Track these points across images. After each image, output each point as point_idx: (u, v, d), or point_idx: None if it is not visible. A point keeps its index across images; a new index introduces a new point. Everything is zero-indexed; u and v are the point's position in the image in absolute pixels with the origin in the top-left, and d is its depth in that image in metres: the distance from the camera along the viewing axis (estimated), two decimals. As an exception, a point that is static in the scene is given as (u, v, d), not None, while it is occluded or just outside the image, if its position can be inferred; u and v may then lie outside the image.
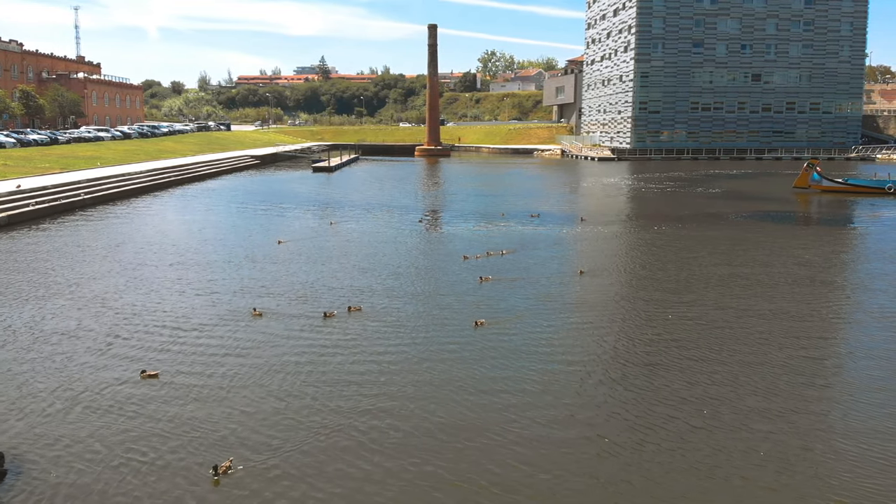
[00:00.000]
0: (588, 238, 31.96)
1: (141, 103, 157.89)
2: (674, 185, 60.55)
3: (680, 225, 35.91)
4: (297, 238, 30.19)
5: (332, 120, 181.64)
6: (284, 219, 37.12)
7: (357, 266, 24.38)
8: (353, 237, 30.80)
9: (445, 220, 38.47)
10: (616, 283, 22.66)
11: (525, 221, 36.77)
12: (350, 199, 48.09)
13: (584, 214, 40.04)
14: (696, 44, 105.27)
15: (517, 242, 29.92)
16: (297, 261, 25.23)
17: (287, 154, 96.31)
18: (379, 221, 36.36)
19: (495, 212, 41.06)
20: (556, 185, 64.73)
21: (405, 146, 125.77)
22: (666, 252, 28.18)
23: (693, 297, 20.37)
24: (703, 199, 49.06)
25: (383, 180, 67.38)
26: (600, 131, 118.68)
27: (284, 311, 18.53)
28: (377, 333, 16.67)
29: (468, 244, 29.48)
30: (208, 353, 15.23)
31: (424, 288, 21.34)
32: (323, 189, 56.84)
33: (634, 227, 35.12)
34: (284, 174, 74.67)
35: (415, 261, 25.57)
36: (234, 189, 56.02)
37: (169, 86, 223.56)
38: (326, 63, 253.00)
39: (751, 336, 16.69)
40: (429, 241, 30.58)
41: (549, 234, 32.69)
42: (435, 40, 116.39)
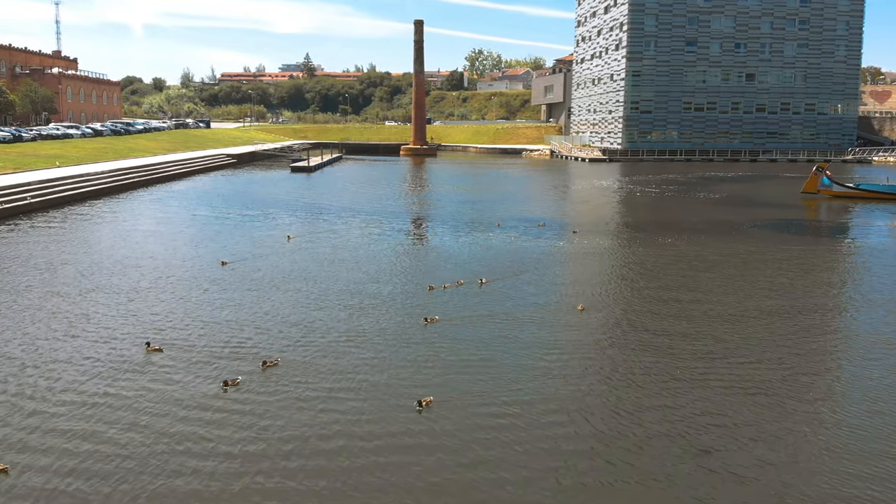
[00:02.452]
0: (585, 256, 27.64)
1: (119, 100, 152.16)
2: (672, 188, 56.48)
3: (690, 237, 31.72)
4: (246, 258, 25.35)
5: (316, 118, 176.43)
6: (241, 230, 32.37)
7: (298, 298, 19.59)
8: (308, 256, 25.88)
9: (430, 231, 34.07)
10: (630, 326, 18.29)
11: (521, 232, 32.47)
12: (325, 204, 43.60)
13: (579, 224, 35.73)
14: (689, 42, 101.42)
15: (504, 261, 25.56)
16: (232, 290, 20.44)
17: (266, 153, 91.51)
18: (349, 233, 31.74)
19: (488, 220, 36.70)
20: (546, 188, 60.49)
21: (390, 145, 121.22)
22: (683, 275, 23.89)
23: (730, 349, 16.09)
24: (708, 206, 44.97)
25: (365, 182, 62.91)
26: (590, 131, 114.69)
27: (178, 376, 13.85)
28: (278, 415, 12.14)
29: (446, 264, 25.03)
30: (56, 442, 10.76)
31: (359, 333, 16.52)
32: (299, 191, 52.30)
33: (639, 241, 30.87)
34: (261, 174, 70.00)
35: (370, 291, 20.44)
36: (201, 191, 51.36)
37: (150, 82, 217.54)
38: (311, 60, 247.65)
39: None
40: (397, 261, 25.62)
41: (539, 251, 28.36)
42: (421, 37, 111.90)
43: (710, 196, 50.82)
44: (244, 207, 40.97)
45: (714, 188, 57.03)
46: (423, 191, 56.17)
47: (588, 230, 33.83)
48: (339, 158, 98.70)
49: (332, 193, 51.44)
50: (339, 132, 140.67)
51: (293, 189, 54.34)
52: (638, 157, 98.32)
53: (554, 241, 30.55)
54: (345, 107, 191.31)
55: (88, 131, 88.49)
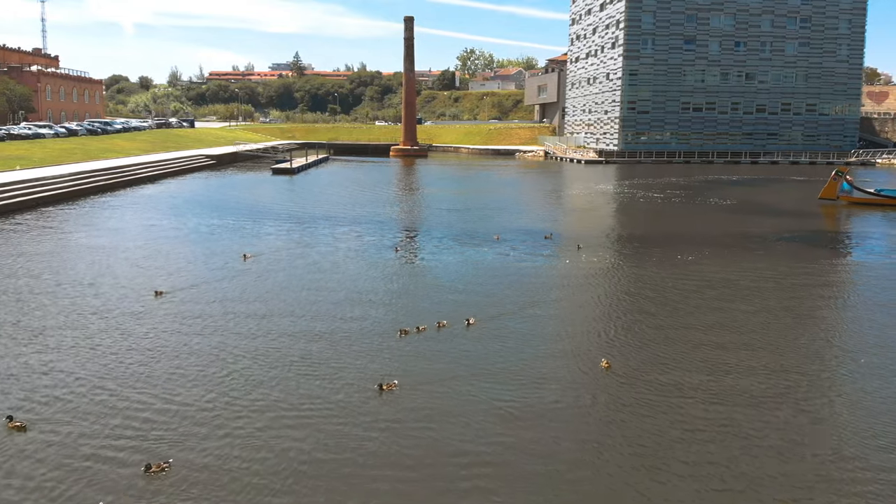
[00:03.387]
0: (595, 280, 23.48)
1: (101, 98, 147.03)
2: (677, 193, 52.44)
3: (711, 253, 27.63)
4: (186, 285, 20.96)
5: (304, 117, 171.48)
6: (196, 246, 27.87)
7: (223, 351, 15.08)
8: (261, 283, 21.41)
9: (417, 246, 29.83)
10: (678, 393, 14.09)
11: (521, 248, 28.30)
12: (302, 212, 39.30)
13: (583, 237, 31.59)
14: (687, 40, 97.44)
15: (500, 288, 21.39)
16: (143, 337, 16.03)
17: (248, 153, 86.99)
18: (321, 250, 27.43)
19: (484, 231, 32.50)
20: (544, 192, 56.33)
21: (380, 146, 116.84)
22: (718, 308, 19.73)
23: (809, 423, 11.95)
24: (721, 214, 40.92)
25: (350, 185, 58.61)
26: (585, 132, 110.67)
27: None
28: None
29: (431, 293, 20.83)
30: None
31: (279, 415, 12.20)
32: (277, 196, 47.97)
33: (654, 260, 26.74)
34: (240, 177, 65.57)
35: (320, 338, 15.91)
36: (171, 196, 46.95)
37: (137, 81, 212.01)
38: (301, 59, 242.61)
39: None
40: (370, 289, 21.11)
41: (541, 273, 24.21)
42: (411, 34, 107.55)
43: (721, 202, 46.79)
44: (210, 216, 36.61)
45: (722, 193, 53.02)
46: (412, 196, 51.92)
47: (594, 244, 29.71)
48: (326, 159, 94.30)
49: (313, 198, 47.14)
50: (327, 132, 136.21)
51: (272, 193, 50.01)
52: (635, 158, 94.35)
53: (557, 258, 26.40)
54: (334, 106, 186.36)
55: (62, 131, 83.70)
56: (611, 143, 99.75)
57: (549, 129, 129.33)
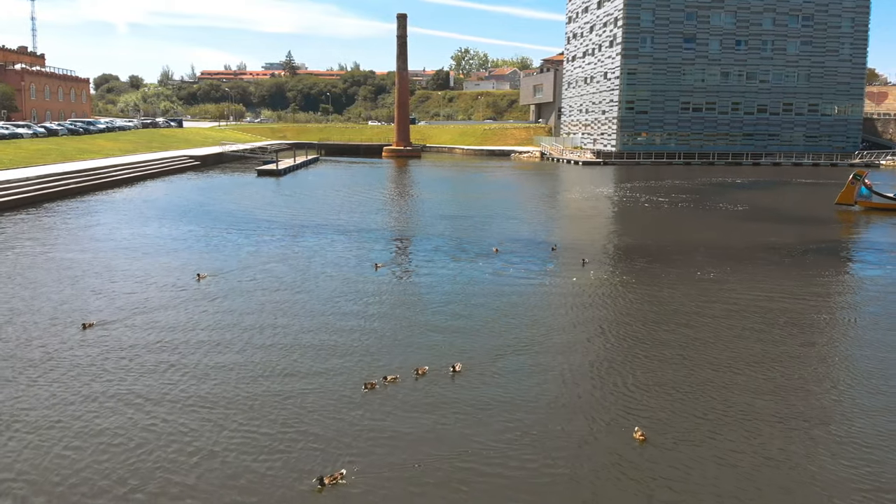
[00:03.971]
0: (608, 307, 20.18)
1: (88, 97, 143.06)
2: (683, 197, 49.23)
3: (734, 269, 24.36)
4: (122, 314, 17.45)
5: (296, 117, 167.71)
6: (146, 262, 24.25)
7: (135, 417, 11.89)
8: (212, 311, 17.88)
9: (405, 261, 26.47)
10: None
11: (521, 263, 24.99)
12: (282, 218, 35.93)
13: (589, 250, 28.34)
14: (687, 39, 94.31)
15: (497, 318, 18.11)
16: (49, 385, 12.85)
17: (235, 154, 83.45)
18: (292, 267, 23.93)
19: (482, 242, 29.21)
20: (542, 196, 53.07)
21: (372, 146, 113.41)
22: (761, 342, 16.43)
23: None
24: (734, 222, 37.69)
25: (339, 188, 55.20)
26: (582, 132, 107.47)
27: None
28: None
29: (413, 325, 17.47)
30: None
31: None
32: (259, 200, 44.55)
33: (673, 278, 23.47)
34: (223, 179, 62.11)
35: (260, 398, 12.48)
36: (143, 201, 43.49)
37: (127, 80, 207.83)
38: (294, 59, 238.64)
39: None
40: (341, 322, 17.52)
41: (544, 298, 20.91)
42: (404, 31, 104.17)
43: (731, 208, 43.58)
44: (178, 223, 33.19)
45: (730, 197, 49.82)
46: (403, 200, 48.57)
47: (601, 258, 26.45)
48: (316, 160, 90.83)
49: (296, 203, 43.74)
50: (319, 132, 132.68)
51: (253, 197, 46.58)
52: (634, 159, 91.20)
53: (561, 276, 23.09)
54: (325, 106, 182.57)
55: (41, 131, 79.93)
56: (608, 144, 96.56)
57: (545, 129, 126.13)
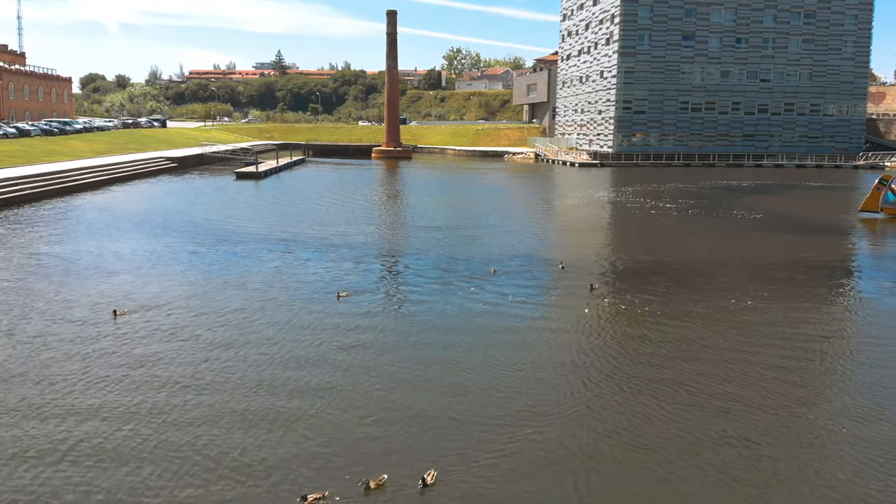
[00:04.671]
0: (630, 360, 16.09)
1: (70, 96, 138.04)
2: (692, 204, 45.23)
3: (773, 294, 20.31)
4: (8, 365, 13.43)
5: (285, 117, 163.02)
6: (65, 290, 19.86)
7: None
8: (109, 373, 13.65)
9: (384, 289, 22.25)
10: None
11: (522, 288, 20.87)
12: (251, 228, 31.71)
13: (595, 268, 24.29)
14: (686, 36, 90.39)
15: (492, 380, 13.99)
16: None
17: (217, 155, 79.03)
18: (243, 297, 19.67)
19: (478, 260, 25.04)
20: (539, 202, 48.97)
21: (361, 147, 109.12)
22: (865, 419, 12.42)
23: None
24: (757, 233, 33.65)
25: (322, 192, 50.95)
26: (577, 133, 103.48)
27: None
28: None
29: (386, 386, 13.35)
30: None
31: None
32: (230, 207, 40.28)
33: (700, 306, 19.39)
34: (199, 182, 57.76)
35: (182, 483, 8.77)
36: (99, 209, 39.10)
37: (113, 80, 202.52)
38: (284, 58, 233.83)
39: None
40: (283, 388, 13.59)
41: (547, 335, 16.80)
42: (394, 29, 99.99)
43: (746, 215, 39.58)
44: (126, 237, 28.89)
45: (742, 203, 45.87)
46: (389, 208, 44.38)
47: (612, 280, 22.39)
48: (302, 161, 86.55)
49: (271, 211, 39.47)
50: (307, 132, 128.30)
51: (226, 203, 42.29)
52: (632, 161, 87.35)
53: (569, 307, 18.97)
54: (315, 105, 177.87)
55: (12, 131, 75.24)
56: (605, 145, 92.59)
57: (539, 129, 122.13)
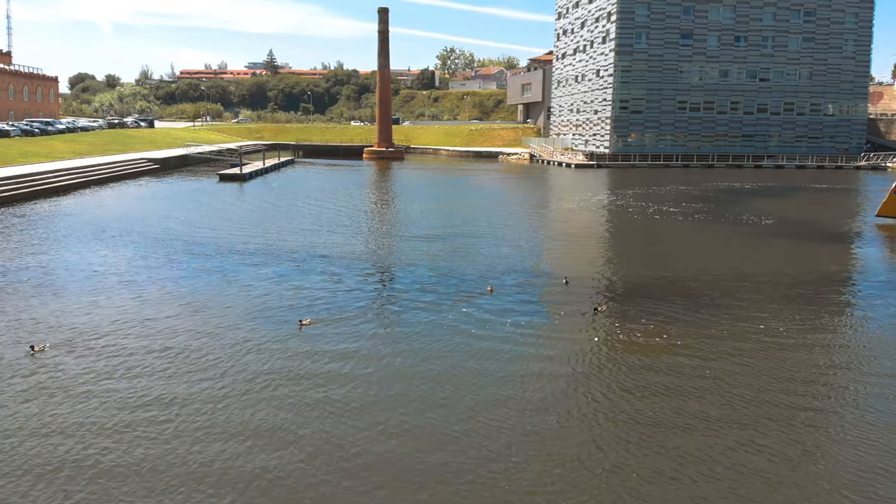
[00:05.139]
0: (654, 413, 13.39)
1: (56, 96, 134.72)
2: (697, 208, 42.64)
3: (808, 316, 17.66)
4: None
5: (276, 117, 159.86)
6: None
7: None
8: (21, 424, 11.25)
9: (363, 314, 19.52)
10: None
11: (521, 310, 18.14)
12: (223, 239, 28.92)
13: (599, 286, 21.65)
14: (684, 35, 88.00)
15: (482, 440, 11.32)
16: None
17: (202, 156, 76.12)
18: (187, 322, 16.86)
19: (472, 277, 22.27)
20: (535, 206, 46.29)
21: (353, 147, 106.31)
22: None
23: None
24: (772, 241, 31.06)
25: (308, 196, 48.15)
26: (573, 133, 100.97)
27: None
28: None
29: (353, 461, 10.69)
30: None
31: None
32: (207, 213, 37.46)
33: (729, 336, 16.73)
34: (179, 185, 54.88)
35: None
36: (66, 214, 36.21)
37: (103, 80, 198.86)
38: (276, 58, 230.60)
39: None
40: (217, 458, 11.06)
41: (553, 388, 14.12)
42: (386, 27, 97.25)
43: (756, 221, 37.00)
44: (81, 251, 26.02)
45: (749, 207, 43.31)
46: (377, 214, 41.61)
47: (620, 301, 19.69)
48: (291, 162, 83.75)
49: (251, 216, 36.65)
50: (298, 132, 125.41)
51: (203, 209, 39.46)
52: (629, 162, 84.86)
53: (572, 334, 16.29)
54: (306, 105, 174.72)
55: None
56: (601, 146, 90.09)
57: (534, 130, 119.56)
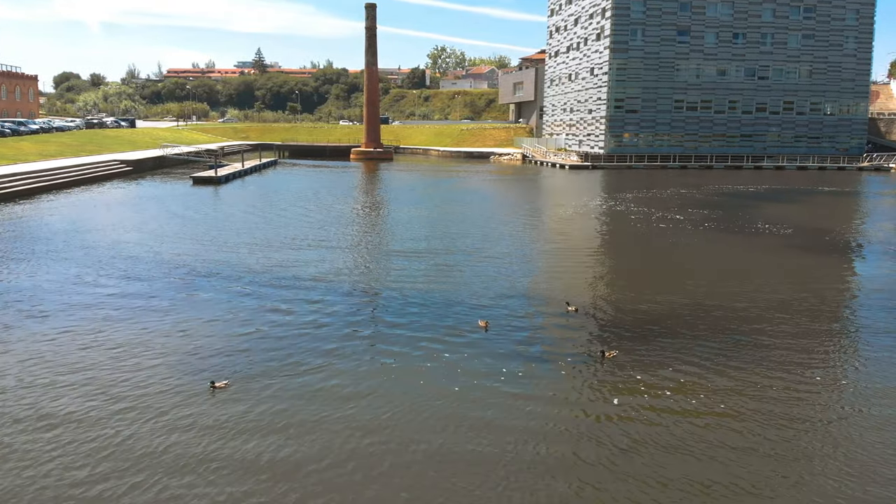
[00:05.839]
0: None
1: (35, 95, 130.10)
2: (705, 215, 39.06)
3: (879, 364, 14.14)
4: None
5: (263, 116, 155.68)
6: None
7: None
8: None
9: (301, 366, 15.74)
10: None
11: (518, 352, 14.45)
12: (169, 256, 25.11)
13: (609, 318, 18.01)
14: (681, 31, 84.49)
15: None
16: None
17: (179, 157, 72.12)
18: (88, 378, 13.23)
19: (461, 307, 18.55)
20: (530, 213, 42.56)
21: (340, 147, 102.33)
22: None
23: None
24: (798, 256, 27.50)
25: (286, 202, 44.33)
26: (566, 133, 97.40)
27: None
28: None
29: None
30: None
31: None
32: (168, 220, 33.59)
33: (776, 388, 13.17)
34: (149, 188, 50.92)
35: None
36: (8, 223, 32.38)
37: (88, 79, 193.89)
38: (265, 57, 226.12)
39: None
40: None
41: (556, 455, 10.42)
42: (374, 23, 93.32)
43: (773, 230, 33.47)
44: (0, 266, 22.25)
45: (760, 213, 39.79)
46: (356, 225, 37.75)
47: (632, 337, 16.03)
48: (274, 163, 79.84)
49: (214, 226, 32.78)
50: (284, 132, 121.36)
51: (165, 216, 35.57)
52: (625, 163, 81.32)
53: (578, 401, 12.65)
54: (293, 104, 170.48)
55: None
56: (596, 146, 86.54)
57: (526, 129, 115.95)
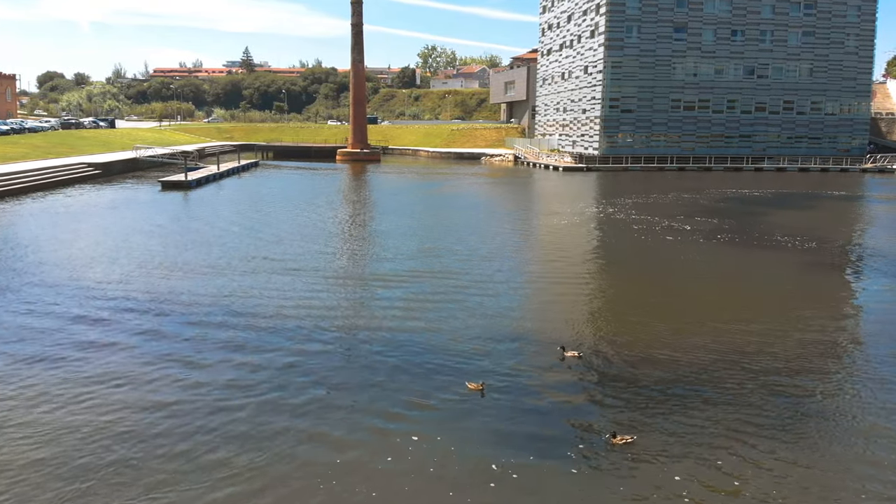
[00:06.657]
0: None
1: (13, 95, 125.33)
2: (713, 224, 35.34)
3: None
4: None
5: (249, 116, 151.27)
6: None
7: None
8: None
9: (273, 440, 11.86)
10: None
11: (523, 419, 10.69)
12: (110, 284, 21.20)
13: (615, 365, 14.23)
14: (677, 28, 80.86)
15: None
16: None
17: (154, 159, 67.96)
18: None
19: (454, 357, 14.68)
20: (523, 222, 38.72)
21: (325, 148, 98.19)
22: None
23: None
24: (824, 274, 23.80)
25: (259, 210, 40.35)
26: (559, 133, 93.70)
27: None
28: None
29: None
30: None
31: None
32: (117, 233, 29.62)
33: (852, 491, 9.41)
34: (112, 194, 46.80)
35: None
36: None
37: (72, 78, 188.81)
38: (253, 56, 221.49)
39: None
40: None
41: None
42: (360, 19, 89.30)
43: (796, 244, 29.79)
44: None
45: (771, 221, 36.11)
46: (331, 241, 33.75)
47: (646, 406, 12.25)
48: (255, 165, 75.82)
49: (169, 240, 28.78)
50: (270, 132, 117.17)
51: (115, 228, 31.56)
52: (620, 164, 77.69)
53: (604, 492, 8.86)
54: (280, 104, 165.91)
55: (-86, 132, 64.01)
56: (590, 147, 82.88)
57: (518, 130, 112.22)
